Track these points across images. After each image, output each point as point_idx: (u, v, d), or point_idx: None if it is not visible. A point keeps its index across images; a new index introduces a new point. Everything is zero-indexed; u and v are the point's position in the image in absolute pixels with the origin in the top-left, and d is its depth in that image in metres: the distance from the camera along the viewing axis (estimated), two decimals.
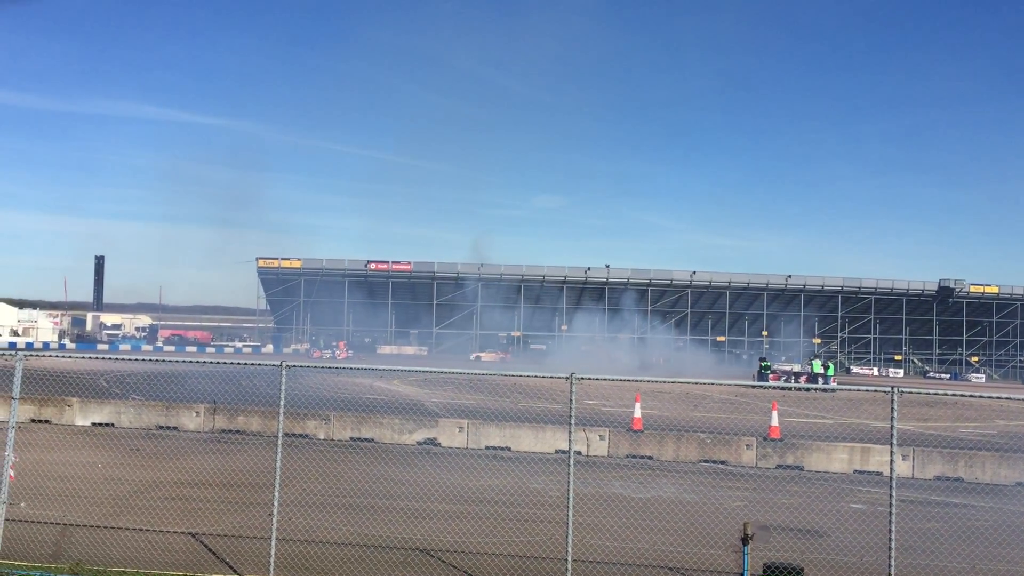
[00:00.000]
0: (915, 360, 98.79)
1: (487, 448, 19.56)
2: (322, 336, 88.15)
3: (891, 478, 8.06)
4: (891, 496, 8.05)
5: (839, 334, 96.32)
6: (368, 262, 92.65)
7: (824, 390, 41.98)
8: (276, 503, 8.95)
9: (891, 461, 8.10)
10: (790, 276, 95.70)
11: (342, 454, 18.24)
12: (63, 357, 12.92)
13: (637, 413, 20.84)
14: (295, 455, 16.72)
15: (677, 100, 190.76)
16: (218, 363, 13.81)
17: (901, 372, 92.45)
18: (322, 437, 20.27)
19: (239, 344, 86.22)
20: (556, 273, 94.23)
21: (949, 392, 9.16)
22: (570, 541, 8.67)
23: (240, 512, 12.44)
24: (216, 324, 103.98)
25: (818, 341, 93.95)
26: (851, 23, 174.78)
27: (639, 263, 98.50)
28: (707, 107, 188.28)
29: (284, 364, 9.36)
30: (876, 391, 9.26)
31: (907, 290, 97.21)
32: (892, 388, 8.30)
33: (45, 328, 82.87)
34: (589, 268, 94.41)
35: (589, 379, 9.47)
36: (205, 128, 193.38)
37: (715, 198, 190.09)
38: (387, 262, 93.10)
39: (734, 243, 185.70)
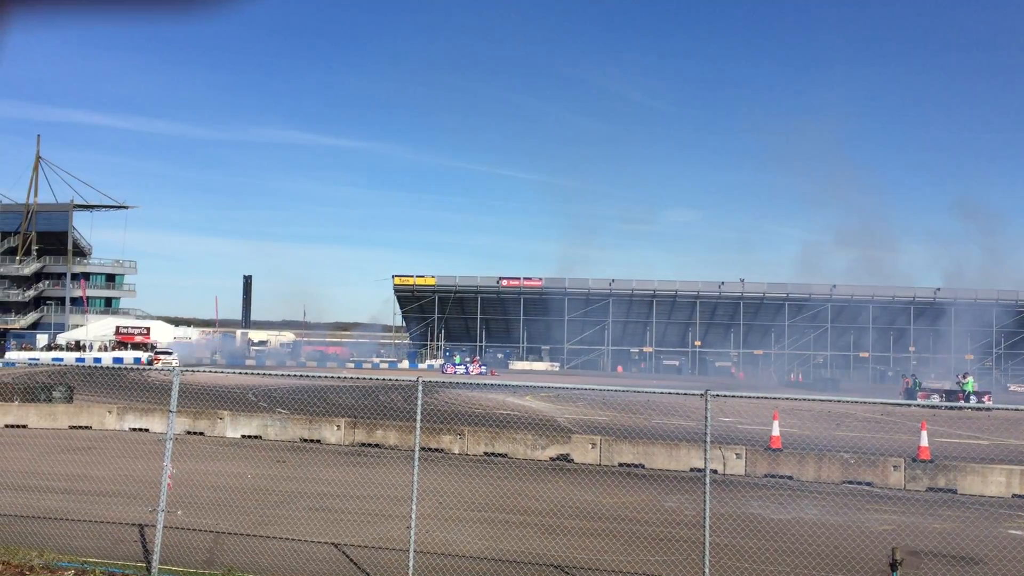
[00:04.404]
0: None
1: (620, 465, 19.41)
2: (457, 352, 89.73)
3: None
4: None
5: (995, 349, 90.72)
6: (500, 278, 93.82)
7: (978, 409, 39.57)
8: (414, 516, 9.14)
9: None
10: (939, 289, 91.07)
11: (476, 469, 18.47)
12: (215, 372, 13.63)
13: (775, 431, 20.19)
14: (431, 469, 17.06)
15: (810, 108, 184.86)
16: (357, 378, 14.22)
17: None
18: (456, 452, 20.59)
19: (376, 360, 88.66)
20: (689, 288, 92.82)
21: None
22: (707, 562, 8.50)
23: (379, 524, 12.77)
24: (355, 340, 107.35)
25: (971, 357, 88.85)
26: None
27: (775, 277, 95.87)
28: (843, 115, 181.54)
29: (420, 380, 9.56)
30: None
31: None
32: None
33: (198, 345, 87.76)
34: (723, 282, 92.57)
35: (724, 396, 9.28)
36: (343, 151, 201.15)
37: (855, 210, 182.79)
38: (519, 278, 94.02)
39: (876, 255, 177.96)
